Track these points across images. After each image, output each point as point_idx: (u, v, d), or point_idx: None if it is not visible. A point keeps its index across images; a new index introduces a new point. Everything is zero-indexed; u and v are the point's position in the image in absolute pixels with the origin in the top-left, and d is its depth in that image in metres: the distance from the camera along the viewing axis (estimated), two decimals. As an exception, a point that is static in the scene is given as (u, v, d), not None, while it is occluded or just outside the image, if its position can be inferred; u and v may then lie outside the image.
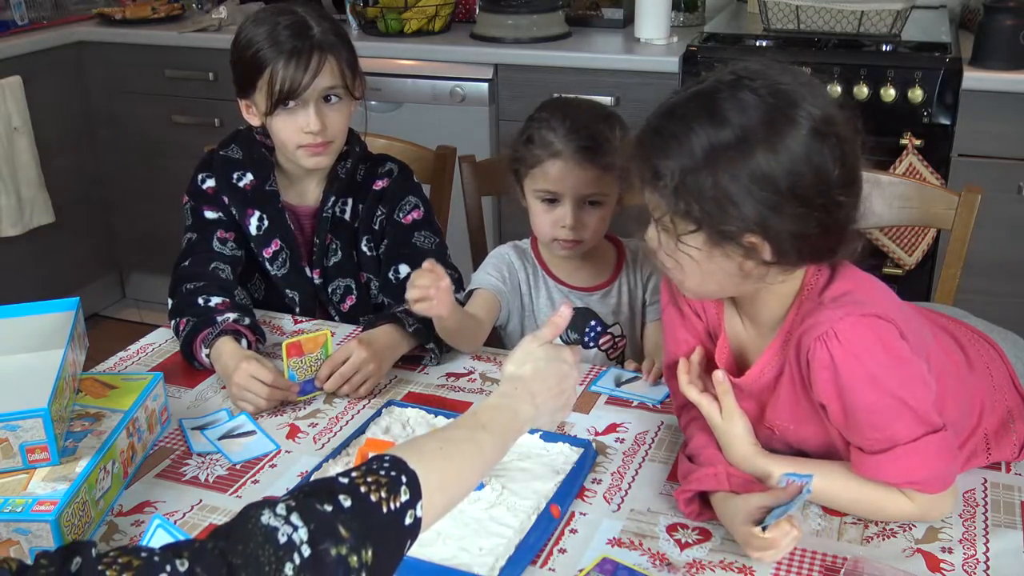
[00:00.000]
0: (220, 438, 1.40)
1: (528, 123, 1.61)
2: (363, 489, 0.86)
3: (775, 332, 1.20)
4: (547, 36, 2.99)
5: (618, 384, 1.52)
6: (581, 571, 1.11)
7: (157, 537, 1.00)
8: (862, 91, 2.58)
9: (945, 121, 2.57)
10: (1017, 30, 2.51)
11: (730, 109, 1.06)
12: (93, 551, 0.75)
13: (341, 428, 1.43)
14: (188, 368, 1.59)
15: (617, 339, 1.71)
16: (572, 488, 1.25)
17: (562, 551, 1.15)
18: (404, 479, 0.90)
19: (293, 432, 1.42)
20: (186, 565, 0.75)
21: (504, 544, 1.14)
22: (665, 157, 1.08)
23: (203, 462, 1.35)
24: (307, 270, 1.78)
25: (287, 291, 1.79)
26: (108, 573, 0.73)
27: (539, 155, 1.57)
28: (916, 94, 2.54)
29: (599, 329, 1.70)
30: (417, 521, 0.90)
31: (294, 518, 0.80)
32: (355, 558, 0.81)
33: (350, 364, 1.48)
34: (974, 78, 2.52)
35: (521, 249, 1.73)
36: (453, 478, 0.98)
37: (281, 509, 0.81)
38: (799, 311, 1.16)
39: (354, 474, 0.88)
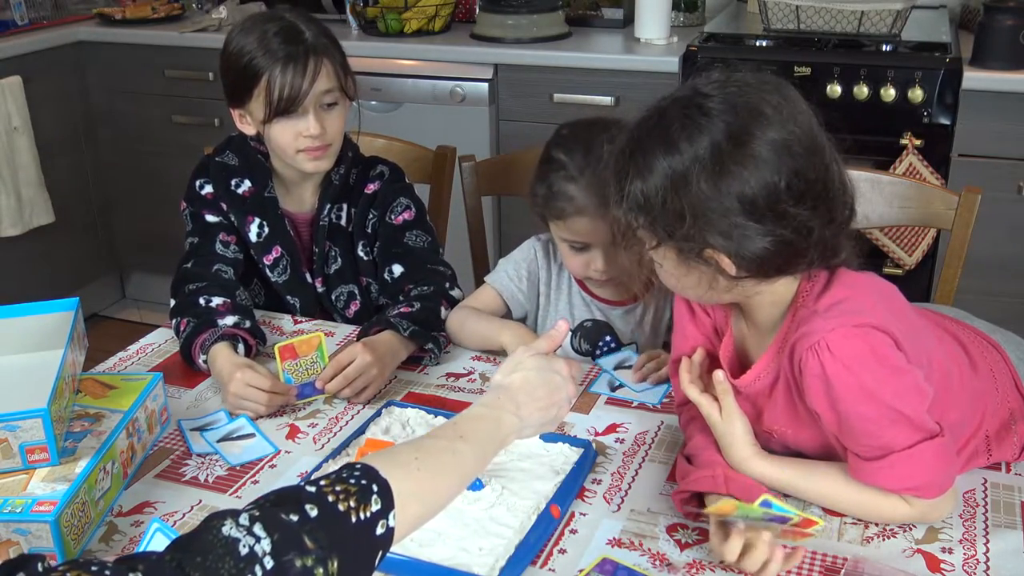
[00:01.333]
0: (219, 440, 1.39)
1: (546, 164, 1.51)
2: (331, 498, 0.84)
3: (773, 337, 1.20)
4: (547, 36, 2.99)
5: (613, 389, 1.50)
6: (581, 571, 1.11)
7: (156, 541, 0.99)
8: (862, 91, 2.58)
9: (945, 121, 2.57)
10: (1017, 30, 2.51)
11: (680, 133, 1.08)
12: (40, 565, 0.72)
13: (341, 428, 1.43)
14: (188, 368, 1.59)
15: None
16: (572, 488, 1.25)
17: (562, 551, 1.15)
18: (375, 488, 0.87)
19: (293, 432, 1.42)
20: None
21: (504, 544, 1.14)
22: (626, 180, 1.11)
23: (203, 462, 1.35)
24: (307, 276, 1.78)
25: (288, 297, 1.79)
26: None
27: (563, 208, 1.49)
28: (916, 94, 2.54)
29: (613, 345, 1.66)
30: (390, 531, 0.88)
31: (257, 528, 0.78)
32: (321, 570, 0.79)
33: (355, 367, 1.47)
34: (974, 78, 2.52)
35: (552, 245, 1.68)
36: (429, 488, 0.96)
37: (244, 519, 0.79)
38: (794, 317, 1.16)
39: (323, 483, 0.86)
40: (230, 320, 1.57)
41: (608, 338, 1.66)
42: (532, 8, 2.99)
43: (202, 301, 1.61)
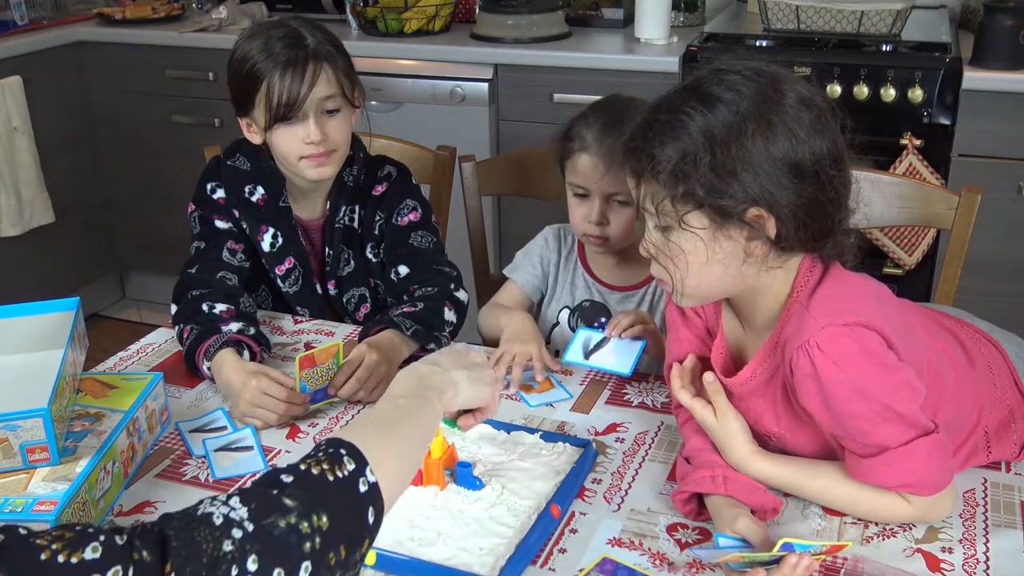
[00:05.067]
0: (218, 449, 1.37)
1: (575, 117, 1.63)
2: (303, 467, 0.87)
3: (767, 335, 1.20)
4: (547, 36, 2.99)
5: (587, 354, 1.51)
6: (581, 571, 1.11)
7: None
8: (862, 91, 2.58)
9: (945, 121, 2.57)
10: (1017, 30, 2.51)
11: (719, 90, 1.09)
12: (22, 530, 0.75)
13: (341, 428, 1.43)
14: (188, 368, 1.58)
15: None
16: (572, 488, 1.25)
17: (562, 551, 1.15)
18: (343, 451, 0.89)
19: (293, 432, 1.42)
20: (124, 539, 0.76)
21: (504, 544, 1.14)
22: (661, 145, 1.10)
23: (203, 462, 1.35)
24: (317, 287, 1.78)
25: (298, 307, 1.78)
26: (38, 542, 0.73)
27: (571, 148, 1.60)
28: (916, 94, 2.54)
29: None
30: (373, 487, 0.89)
31: (233, 501, 0.81)
32: (305, 524, 0.81)
33: (364, 367, 1.46)
34: (974, 78, 2.52)
35: (563, 231, 1.77)
36: (394, 439, 0.97)
37: (221, 497, 0.83)
38: (788, 313, 1.16)
39: (293, 461, 0.89)
40: (234, 327, 1.55)
41: (603, 319, 1.68)
42: (532, 8, 2.99)
43: (205, 308, 1.59)
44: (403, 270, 1.72)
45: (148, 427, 1.37)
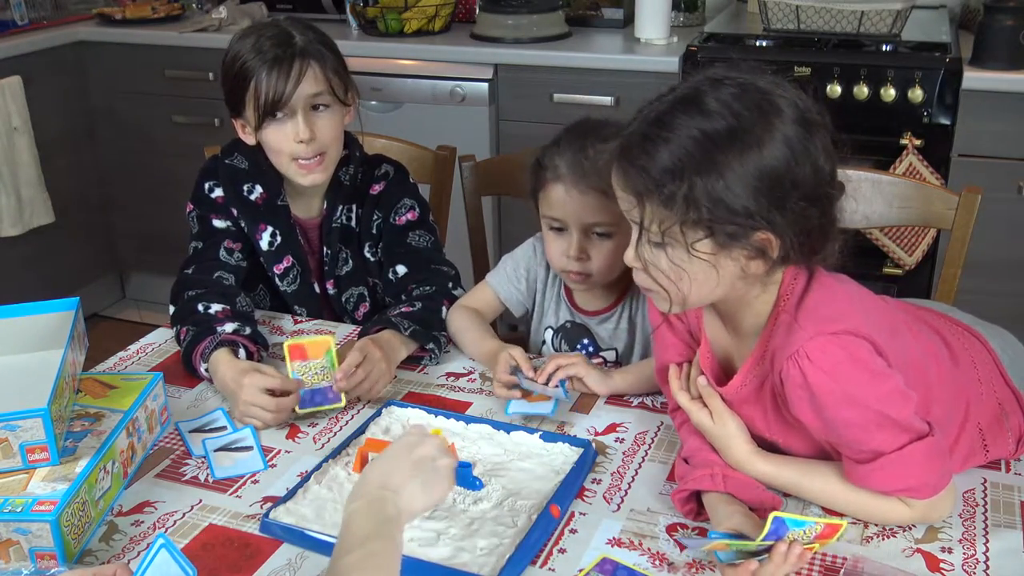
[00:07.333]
0: (217, 449, 1.37)
1: (546, 145, 1.55)
2: None
3: (755, 342, 1.19)
4: (547, 36, 2.99)
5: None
6: (581, 571, 1.11)
7: (160, 558, 0.98)
8: (862, 91, 2.58)
9: (945, 121, 2.57)
10: (1017, 30, 2.51)
11: (718, 109, 1.06)
12: None
13: (341, 428, 1.43)
14: (186, 370, 1.58)
15: (609, 364, 1.65)
16: (572, 488, 1.25)
17: (562, 551, 1.15)
18: None
19: (293, 432, 1.42)
20: None
21: (504, 544, 1.14)
22: (666, 164, 1.06)
23: (203, 462, 1.35)
24: (315, 286, 1.78)
25: (295, 306, 1.79)
26: None
27: (543, 177, 1.51)
28: (916, 94, 2.54)
29: (591, 349, 1.66)
30: None
31: None
32: None
33: (368, 361, 1.46)
34: (974, 78, 2.52)
35: None
36: None
37: None
38: (775, 323, 1.15)
39: None
40: (229, 327, 1.55)
41: (586, 341, 1.67)
42: (532, 8, 3.00)
43: (201, 308, 1.59)
44: (401, 269, 1.72)
45: (148, 427, 1.37)
